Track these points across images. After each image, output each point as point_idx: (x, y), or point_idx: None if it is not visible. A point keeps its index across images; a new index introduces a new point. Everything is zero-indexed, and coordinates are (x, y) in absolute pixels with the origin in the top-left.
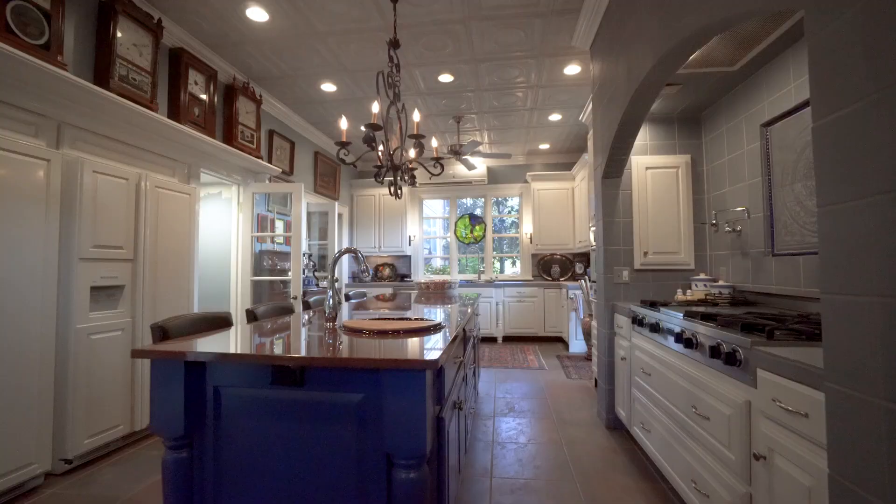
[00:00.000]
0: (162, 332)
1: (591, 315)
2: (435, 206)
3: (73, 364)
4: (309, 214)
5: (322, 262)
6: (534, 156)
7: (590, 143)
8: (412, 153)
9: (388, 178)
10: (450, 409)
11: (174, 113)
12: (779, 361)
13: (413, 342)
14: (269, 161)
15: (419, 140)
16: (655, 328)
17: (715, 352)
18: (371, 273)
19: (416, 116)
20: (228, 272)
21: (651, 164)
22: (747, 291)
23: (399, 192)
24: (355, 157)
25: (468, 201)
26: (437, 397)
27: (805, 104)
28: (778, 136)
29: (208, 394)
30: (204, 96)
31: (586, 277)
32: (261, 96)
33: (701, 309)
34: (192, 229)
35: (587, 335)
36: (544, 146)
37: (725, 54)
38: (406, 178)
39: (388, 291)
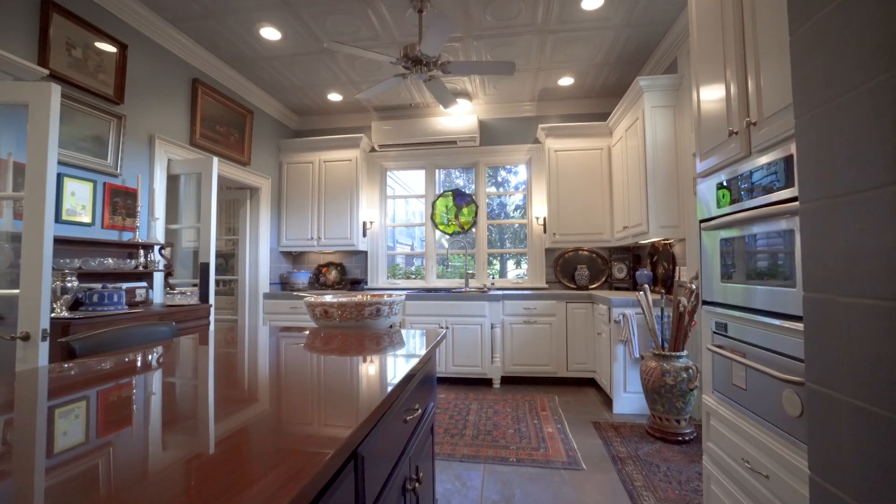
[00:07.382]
0: None
1: (660, 354)
2: (408, 181)
3: None
4: (172, 179)
5: (195, 261)
6: (549, 102)
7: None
8: None
9: None
10: None
11: None
12: None
13: None
14: (43, 61)
15: None
16: None
17: None
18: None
19: None
20: None
21: None
22: None
23: None
24: None
25: (457, 175)
26: None
27: None
28: None
29: None
30: None
31: (647, 286)
32: None
33: None
34: None
35: (654, 392)
36: (566, 81)
37: None
38: None
39: None
